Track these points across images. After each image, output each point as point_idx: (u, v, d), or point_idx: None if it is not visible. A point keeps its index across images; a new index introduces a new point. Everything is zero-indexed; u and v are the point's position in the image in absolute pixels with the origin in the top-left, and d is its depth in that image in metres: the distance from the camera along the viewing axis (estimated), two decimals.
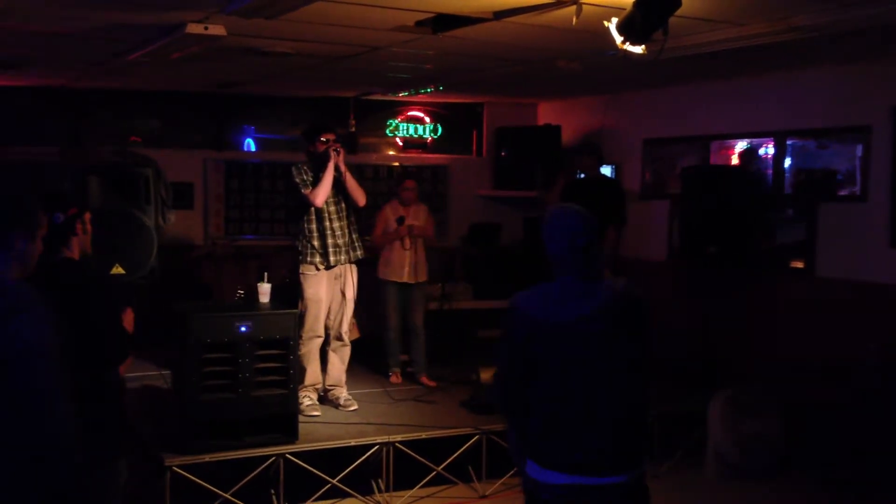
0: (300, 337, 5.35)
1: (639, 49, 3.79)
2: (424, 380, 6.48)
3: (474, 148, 9.24)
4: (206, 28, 4.54)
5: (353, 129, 8.35)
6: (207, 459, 4.63)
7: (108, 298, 3.11)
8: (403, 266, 6.45)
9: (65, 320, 2.25)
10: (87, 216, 3.21)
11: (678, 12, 3.64)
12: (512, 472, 5.25)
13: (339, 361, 5.76)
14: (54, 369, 2.12)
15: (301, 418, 5.10)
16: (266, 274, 5.26)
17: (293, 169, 5.56)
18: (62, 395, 2.12)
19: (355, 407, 5.67)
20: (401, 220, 6.42)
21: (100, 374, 2.98)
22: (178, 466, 4.56)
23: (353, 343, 5.93)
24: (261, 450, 4.76)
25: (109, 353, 3.03)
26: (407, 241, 6.42)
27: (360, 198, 5.64)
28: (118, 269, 5.21)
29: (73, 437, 2.12)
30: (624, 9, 3.71)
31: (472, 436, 5.25)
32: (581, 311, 2.71)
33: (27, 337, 2.07)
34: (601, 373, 2.71)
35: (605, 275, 2.86)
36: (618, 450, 2.72)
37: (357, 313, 5.96)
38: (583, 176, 7.34)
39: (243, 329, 4.76)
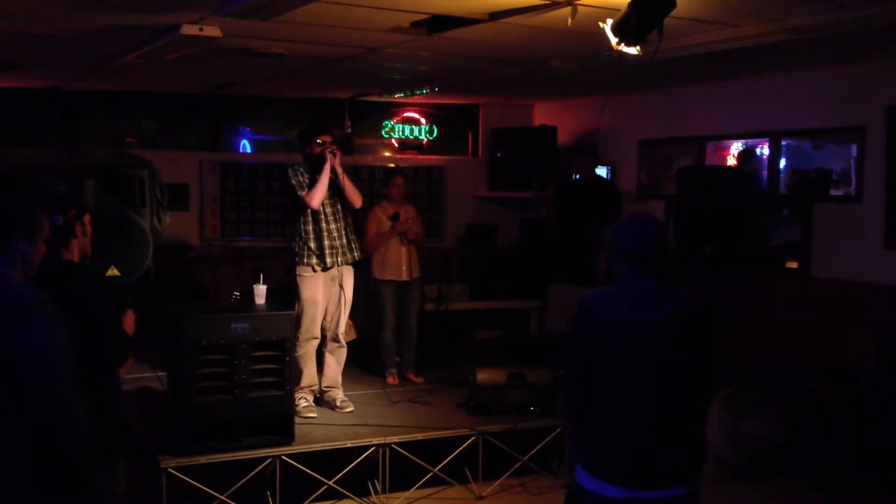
0: (297, 338, 5.35)
1: (634, 50, 3.80)
2: (411, 376, 6.56)
3: (470, 149, 9.25)
4: (200, 29, 4.54)
5: (350, 131, 8.36)
6: (203, 461, 4.63)
7: (107, 301, 3.11)
8: (400, 264, 6.47)
9: (64, 322, 2.25)
10: (87, 218, 3.20)
11: (673, 13, 3.65)
12: (508, 473, 5.26)
13: (335, 363, 5.76)
14: (69, 371, 2.13)
15: (297, 420, 5.09)
16: (262, 275, 5.25)
17: (289, 170, 5.56)
18: (77, 397, 2.13)
19: (351, 408, 5.67)
20: (395, 217, 6.44)
21: (99, 378, 2.97)
22: (173, 468, 4.55)
23: (350, 344, 5.93)
24: (257, 451, 4.76)
25: (110, 356, 3.03)
26: (409, 234, 6.42)
27: (357, 200, 5.64)
28: (113, 271, 5.21)
29: (89, 438, 2.12)
30: (619, 10, 3.72)
31: (468, 437, 5.25)
32: (651, 316, 2.66)
33: (41, 338, 2.08)
34: (665, 381, 2.66)
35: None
36: (675, 463, 2.67)
37: (354, 314, 5.96)
38: (577, 177, 7.35)
39: (239, 330, 4.75)
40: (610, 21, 3.76)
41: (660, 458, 2.66)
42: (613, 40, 3.77)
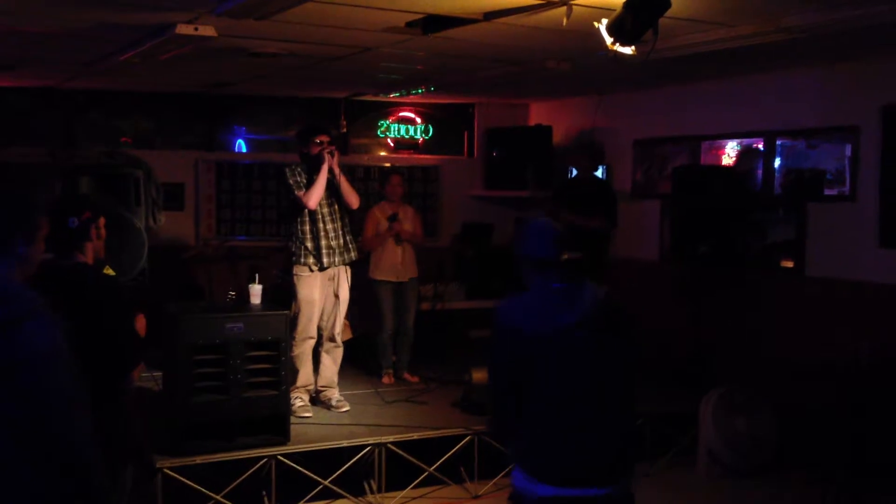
0: (293, 338, 5.35)
1: (629, 50, 3.80)
2: (407, 376, 6.59)
3: (465, 148, 9.25)
4: (195, 29, 4.53)
5: (345, 131, 8.35)
6: (199, 461, 4.63)
7: (121, 304, 3.09)
8: (396, 264, 6.48)
9: (77, 326, 2.23)
10: (102, 221, 3.19)
11: (668, 13, 3.65)
12: (504, 472, 5.26)
13: (331, 363, 5.76)
14: (69, 375, 2.11)
15: (293, 419, 5.09)
16: (257, 275, 5.25)
17: (286, 170, 5.55)
18: (79, 402, 2.11)
19: (347, 408, 5.67)
20: (393, 217, 6.44)
21: (113, 381, 2.96)
22: (169, 468, 4.55)
23: (346, 344, 5.93)
24: (252, 451, 4.76)
25: (124, 359, 3.01)
26: (403, 234, 6.42)
27: (354, 200, 5.63)
28: (108, 271, 5.19)
29: (93, 443, 2.11)
30: (614, 10, 3.72)
31: (463, 436, 5.25)
32: (564, 320, 2.68)
33: (39, 343, 2.06)
34: (588, 382, 2.69)
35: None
36: (606, 460, 2.69)
37: (350, 314, 5.96)
38: (574, 175, 7.35)
39: (234, 330, 4.75)
40: (605, 21, 3.77)
41: (590, 456, 2.68)
42: (608, 40, 3.77)
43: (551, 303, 2.73)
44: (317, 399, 5.76)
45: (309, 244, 5.51)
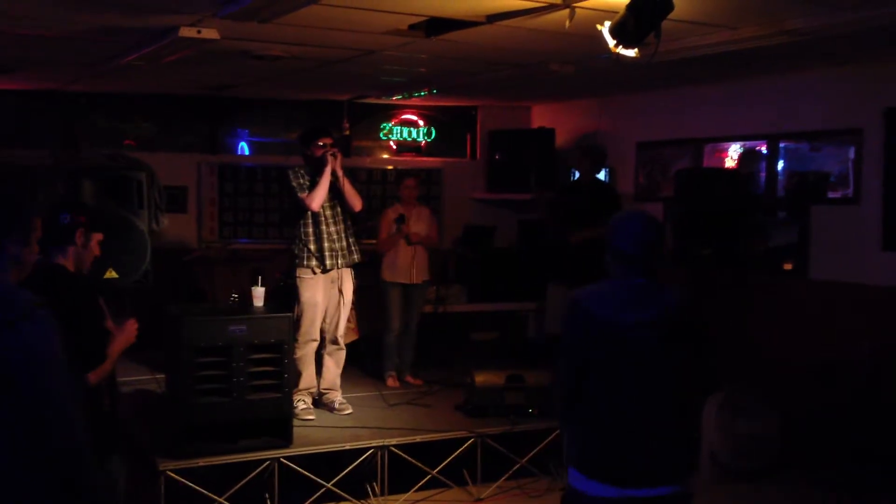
0: (296, 340, 5.35)
1: (631, 52, 3.80)
2: (409, 378, 6.58)
3: (468, 151, 9.25)
4: (198, 32, 4.54)
5: (348, 133, 8.36)
6: (201, 464, 4.62)
7: (81, 303, 3.05)
8: (409, 267, 6.46)
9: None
10: (98, 237, 3.16)
11: (670, 16, 3.66)
12: (507, 475, 5.26)
13: (334, 365, 5.76)
14: (63, 374, 2.12)
15: (295, 422, 5.08)
16: (260, 277, 5.25)
17: (290, 172, 5.56)
18: (73, 400, 2.12)
19: (350, 411, 5.67)
20: (401, 219, 6.44)
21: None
22: (172, 470, 4.55)
23: (349, 345, 5.93)
24: (255, 454, 4.75)
25: (84, 357, 2.99)
26: (412, 237, 6.42)
27: (357, 203, 5.63)
28: (111, 274, 5.20)
29: (87, 441, 2.12)
30: (616, 12, 3.72)
31: (466, 439, 5.25)
32: (643, 315, 2.66)
33: (32, 344, 2.06)
34: (656, 380, 2.66)
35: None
36: (667, 461, 2.66)
37: (355, 315, 5.96)
38: (577, 177, 7.35)
39: (237, 332, 4.75)
40: (608, 23, 3.77)
41: (651, 457, 2.65)
42: (611, 43, 3.77)
43: (632, 295, 2.71)
44: (319, 401, 5.75)
45: (312, 246, 5.51)
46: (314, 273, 5.52)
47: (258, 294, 5.12)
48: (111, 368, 3.17)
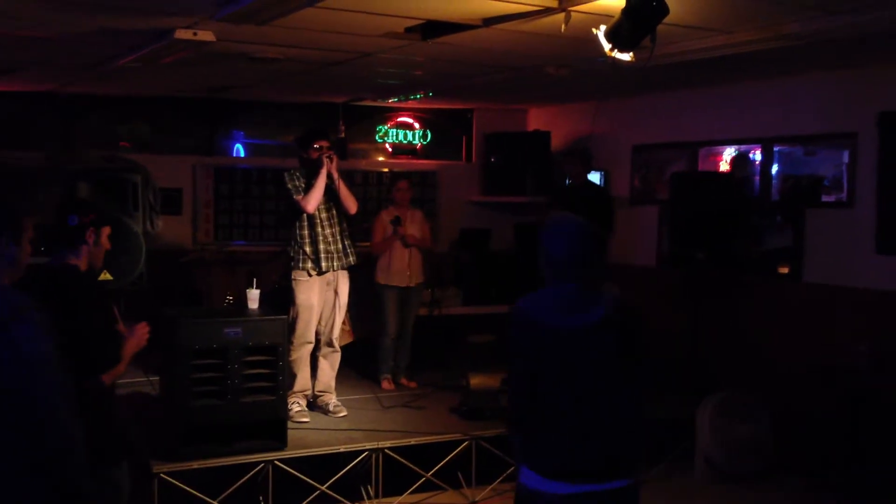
0: (291, 343, 5.35)
1: (627, 56, 3.81)
2: (404, 381, 6.59)
3: (464, 154, 9.25)
4: (195, 34, 4.54)
5: (343, 136, 8.35)
6: (196, 466, 4.62)
7: (96, 304, 3.08)
8: (404, 270, 6.46)
9: (58, 327, 2.24)
10: (106, 231, 3.17)
11: (666, 20, 3.66)
12: (502, 477, 5.26)
13: (328, 367, 5.76)
14: (55, 377, 2.11)
15: (290, 425, 5.09)
16: (255, 280, 5.25)
17: (285, 175, 5.56)
18: (66, 403, 2.11)
19: (344, 413, 5.67)
20: (397, 220, 6.44)
21: (78, 382, 2.96)
22: (166, 473, 4.54)
23: (344, 348, 5.93)
24: (249, 456, 4.75)
25: (94, 359, 3.00)
26: (408, 239, 6.42)
27: (352, 206, 5.64)
28: (106, 276, 5.19)
29: (79, 444, 2.11)
30: (612, 16, 3.73)
31: (461, 442, 5.25)
32: (585, 319, 2.71)
33: (24, 347, 2.06)
34: (601, 382, 2.72)
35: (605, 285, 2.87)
36: (615, 457, 2.73)
37: (350, 318, 5.96)
38: (569, 182, 7.36)
39: (232, 335, 4.74)
40: (603, 27, 3.78)
41: (602, 454, 2.72)
42: (607, 46, 3.78)
43: (571, 301, 2.75)
44: (314, 404, 5.75)
45: (307, 248, 5.51)
46: (309, 275, 5.52)
47: (253, 296, 5.12)
48: (124, 370, 3.18)
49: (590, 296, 2.76)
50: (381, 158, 8.97)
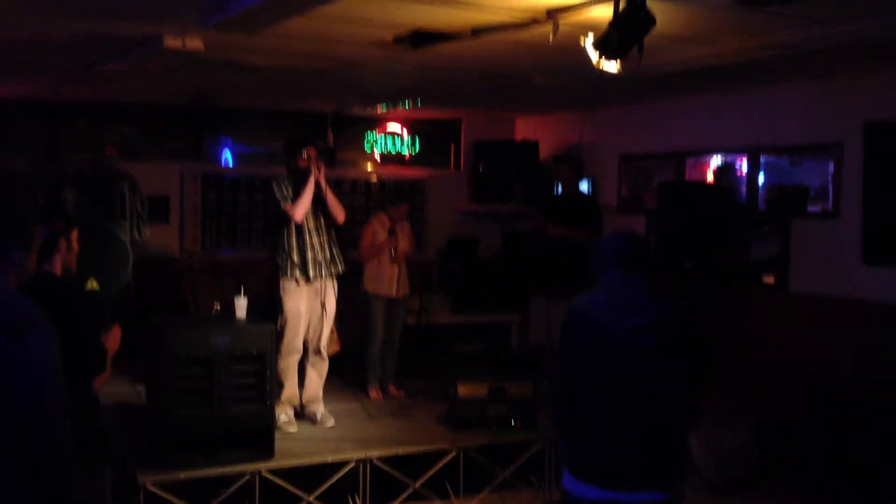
0: (279, 351, 5.32)
1: (615, 66, 3.83)
2: (392, 389, 6.58)
3: (452, 162, 9.26)
4: (183, 43, 4.53)
5: (332, 144, 8.35)
6: (182, 476, 4.59)
7: (87, 312, 3.09)
8: (392, 280, 6.46)
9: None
10: (75, 234, 3.19)
11: (653, 31, 3.69)
12: (489, 487, 5.25)
13: (316, 376, 5.74)
14: (60, 384, 2.12)
15: (277, 434, 5.06)
16: (243, 288, 5.23)
17: (273, 183, 5.54)
18: (66, 410, 2.13)
19: (332, 423, 5.64)
20: (393, 232, 6.46)
21: (78, 387, 2.96)
22: (152, 483, 4.51)
23: (332, 357, 5.91)
24: (236, 466, 4.72)
25: (88, 365, 3.01)
26: (398, 254, 6.44)
27: (340, 214, 5.63)
28: (93, 284, 5.16)
29: (75, 451, 2.12)
30: (600, 27, 3.75)
31: (448, 451, 5.24)
32: (637, 322, 2.72)
33: (35, 355, 2.08)
34: (649, 386, 2.71)
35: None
36: (657, 466, 2.71)
37: (338, 327, 5.94)
38: (560, 191, 7.38)
39: (219, 343, 4.72)
40: (591, 37, 3.80)
41: (640, 462, 2.70)
42: (595, 57, 3.80)
43: (630, 301, 2.77)
44: (302, 413, 5.73)
45: (295, 257, 5.50)
46: (297, 284, 5.50)
47: (241, 305, 5.10)
48: (109, 376, 3.19)
49: (648, 299, 2.78)
50: (369, 167, 8.97)
